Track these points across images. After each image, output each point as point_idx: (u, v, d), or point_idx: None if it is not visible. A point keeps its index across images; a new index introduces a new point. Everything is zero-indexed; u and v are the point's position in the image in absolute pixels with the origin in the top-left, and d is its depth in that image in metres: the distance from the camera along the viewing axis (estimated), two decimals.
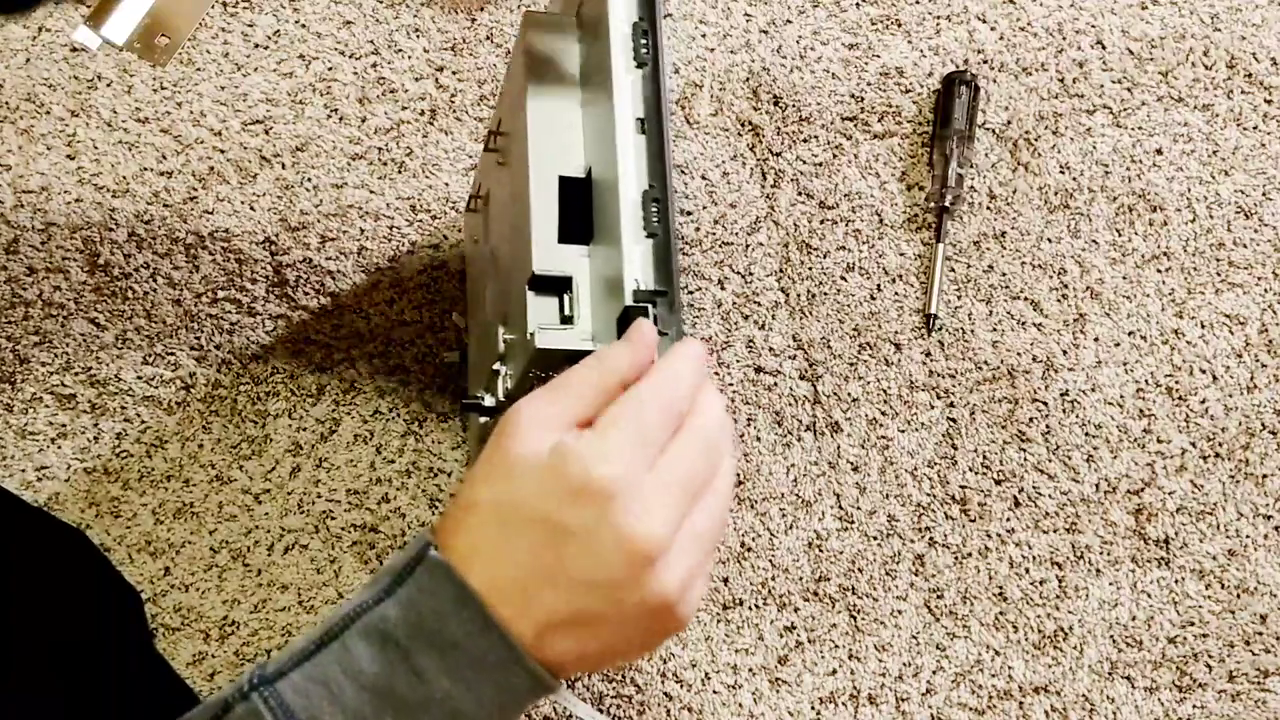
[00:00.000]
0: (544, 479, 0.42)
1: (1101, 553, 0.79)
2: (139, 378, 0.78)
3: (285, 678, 0.42)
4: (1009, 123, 0.85)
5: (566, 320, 0.55)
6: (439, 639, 0.42)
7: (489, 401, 0.60)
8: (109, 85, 0.83)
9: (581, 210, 0.53)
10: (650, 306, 0.51)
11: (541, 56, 0.59)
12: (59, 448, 0.78)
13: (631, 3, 0.56)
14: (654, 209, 0.52)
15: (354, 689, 0.42)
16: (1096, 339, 0.82)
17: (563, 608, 0.42)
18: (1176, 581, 0.79)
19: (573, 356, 0.53)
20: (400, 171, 0.82)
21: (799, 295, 0.82)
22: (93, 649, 0.68)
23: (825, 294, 0.82)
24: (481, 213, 0.74)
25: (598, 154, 0.56)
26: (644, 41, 0.55)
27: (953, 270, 0.82)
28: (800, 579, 0.78)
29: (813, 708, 0.76)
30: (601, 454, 0.41)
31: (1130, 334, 0.82)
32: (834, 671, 0.77)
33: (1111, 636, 0.78)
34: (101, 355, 0.79)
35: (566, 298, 0.55)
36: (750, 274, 0.82)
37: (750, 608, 0.77)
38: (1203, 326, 0.82)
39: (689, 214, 0.82)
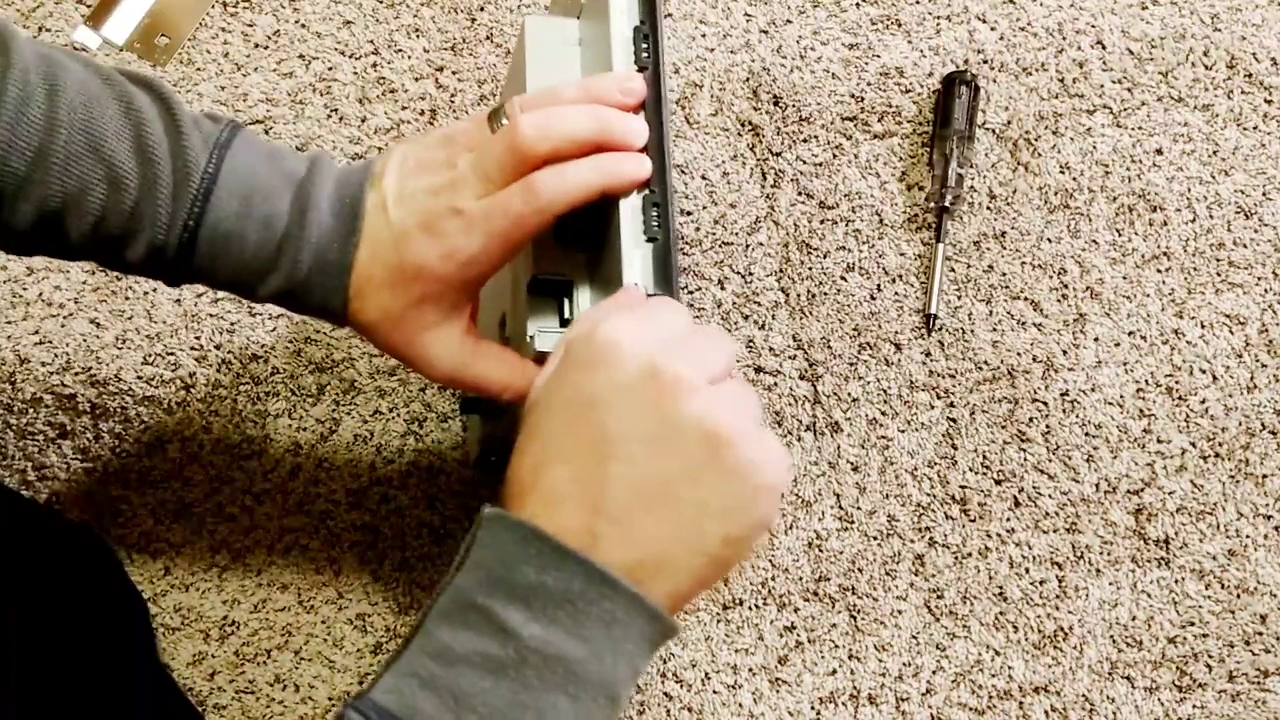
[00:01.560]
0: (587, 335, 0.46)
1: (1101, 553, 0.79)
2: (139, 378, 0.78)
3: (376, 686, 0.41)
4: (1009, 123, 0.85)
5: (565, 323, 0.55)
6: (517, 587, 0.41)
7: (487, 404, 0.60)
8: None
9: (581, 213, 0.53)
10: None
11: (542, 59, 0.59)
12: (59, 448, 0.78)
13: (633, 6, 0.56)
14: (654, 212, 0.52)
15: (445, 669, 0.41)
16: (1096, 339, 0.82)
17: (628, 488, 0.43)
18: (1176, 581, 0.79)
19: None
20: None
21: (799, 295, 0.82)
22: (95, 655, 0.68)
23: (825, 294, 0.82)
24: None
25: None
26: (644, 45, 0.55)
27: (953, 270, 0.82)
28: (800, 579, 0.78)
29: (812, 708, 0.76)
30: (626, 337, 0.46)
31: (1130, 334, 0.82)
32: (834, 671, 0.77)
33: (1111, 636, 0.78)
34: (101, 355, 0.79)
35: (566, 301, 0.55)
36: (750, 274, 0.82)
37: (750, 608, 0.77)
38: (1203, 326, 0.82)
39: (689, 214, 0.82)
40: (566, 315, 0.55)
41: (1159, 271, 0.83)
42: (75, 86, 0.50)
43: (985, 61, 0.86)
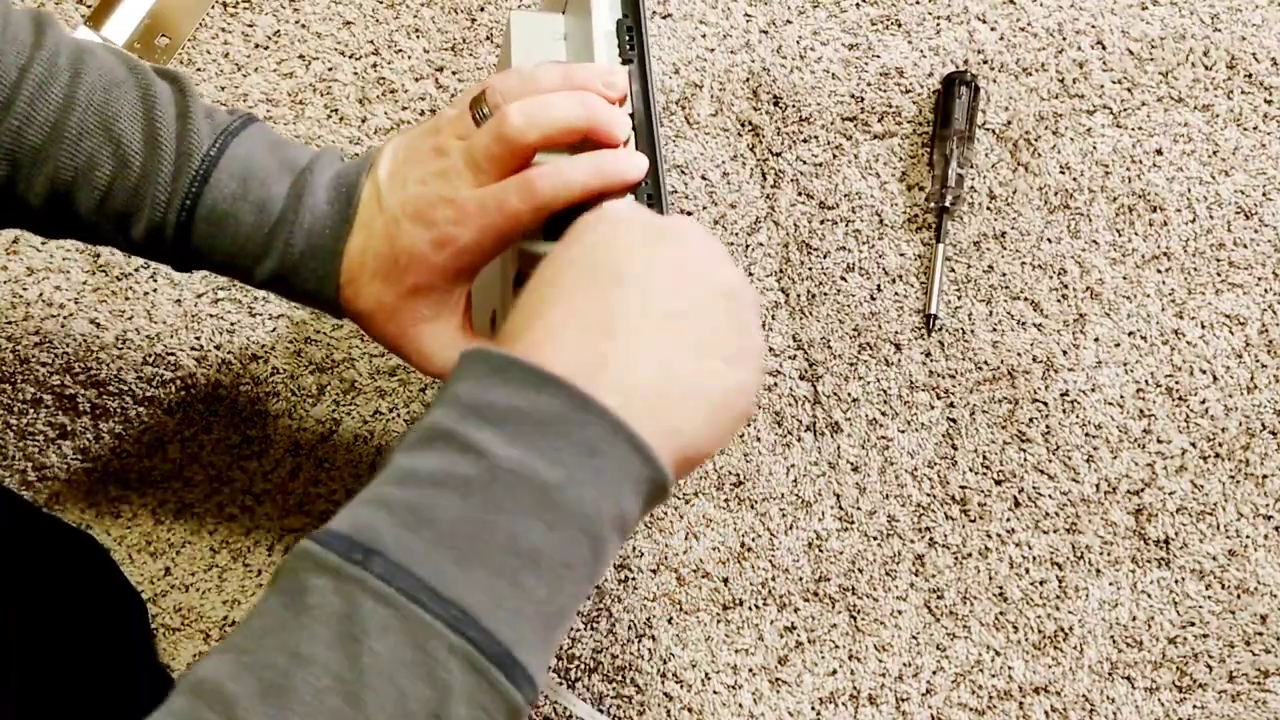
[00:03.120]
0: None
1: (1101, 553, 0.79)
2: (139, 378, 0.78)
3: (333, 519, 0.40)
4: (1009, 123, 0.85)
5: None
6: (491, 411, 0.39)
7: None
8: None
9: (567, 207, 0.53)
10: None
11: (528, 54, 0.59)
12: (59, 448, 0.78)
13: (615, 1, 0.55)
14: (648, 204, 0.52)
15: (406, 489, 0.38)
16: (1096, 339, 0.82)
17: (634, 310, 0.41)
18: (1176, 582, 0.79)
19: None
20: None
21: (799, 295, 0.82)
22: (95, 656, 0.68)
23: (825, 294, 0.82)
24: None
25: None
26: (629, 38, 0.54)
27: (953, 270, 0.82)
28: (800, 579, 0.78)
29: (813, 708, 0.76)
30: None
31: (1130, 334, 0.82)
32: (834, 672, 0.77)
33: (1111, 637, 0.78)
34: (102, 356, 0.79)
35: None
36: (750, 274, 0.82)
37: (750, 608, 0.77)
38: (1203, 327, 0.82)
39: (689, 214, 0.82)
40: None
41: (1159, 272, 0.83)
42: (99, 71, 0.52)
43: (985, 62, 0.86)
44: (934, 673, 0.77)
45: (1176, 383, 0.81)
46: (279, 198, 0.52)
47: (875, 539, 0.78)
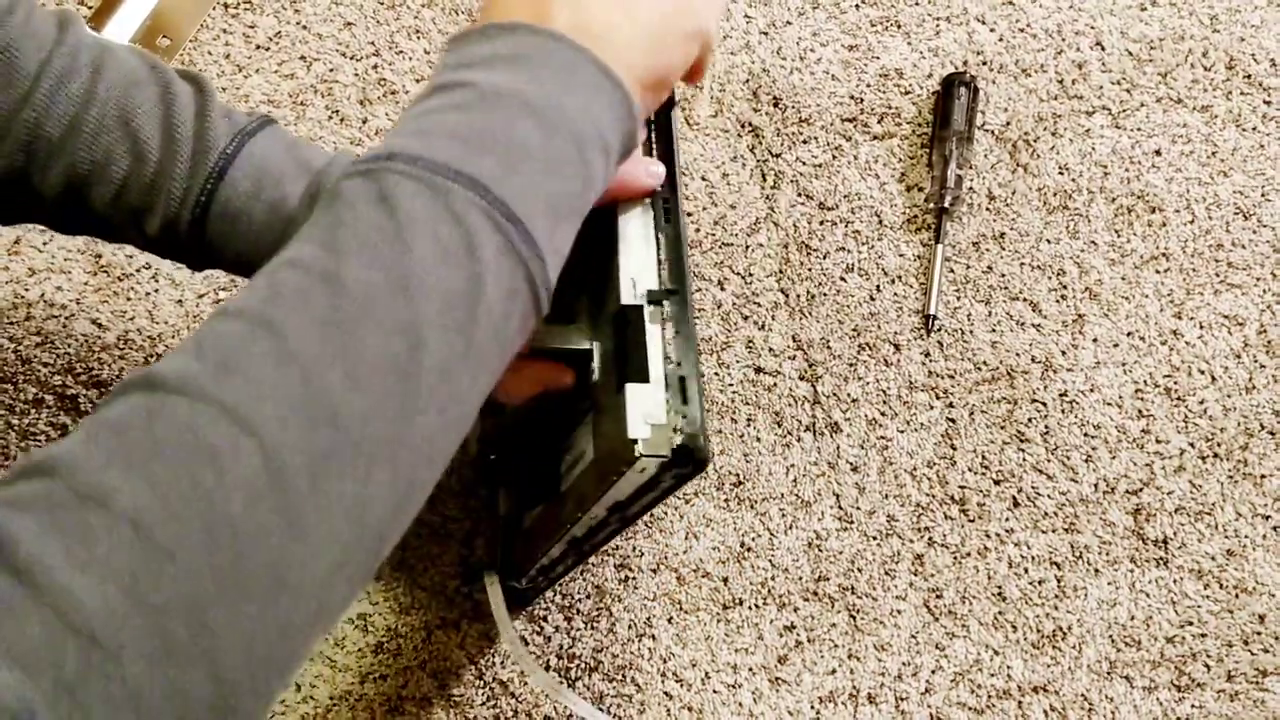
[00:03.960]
0: None
1: (1100, 553, 0.79)
2: None
3: (359, 160, 0.43)
4: (1008, 124, 0.85)
5: (568, 321, 0.55)
6: (476, 59, 0.43)
7: None
8: None
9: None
10: (643, 308, 0.51)
11: None
12: None
13: None
14: (664, 206, 0.53)
15: (411, 122, 0.42)
16: (1095, 339, 0.82)
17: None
18: (1175, 581, 0.79)
19: (576, 356, 0.54)
20: None
21: (799, 296, 0.82)
22: None
23: (825, 295, 0.82)
24: None
25: None
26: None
27: (952, 271, 0.83)
28: (800, 579, 0.78)
29: (812, 707, 0.76)
30: None
31: (1129, 334, 0.82)
32: (833, 671, 0.77)
33: (1110, 636, 0.78)
34: (103, 356, 0.79)
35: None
36: (750, 275, 0.82)
37: (750, 607, 0.77)
38: (1201, 327, 0.82)
39: (689, 214, 0.83)
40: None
41: (1158, 272, 0.83)
42: (119, 69, 0.53)
43: (984, 63, 0.86)
44: (933, 672, 0.77)
45: (1175, 383, 0.82)
46: (293, 197, 0.53)
47: (875, 539, 0.79)
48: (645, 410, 0.49)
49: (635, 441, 0.48)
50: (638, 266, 0.52)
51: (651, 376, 0.50)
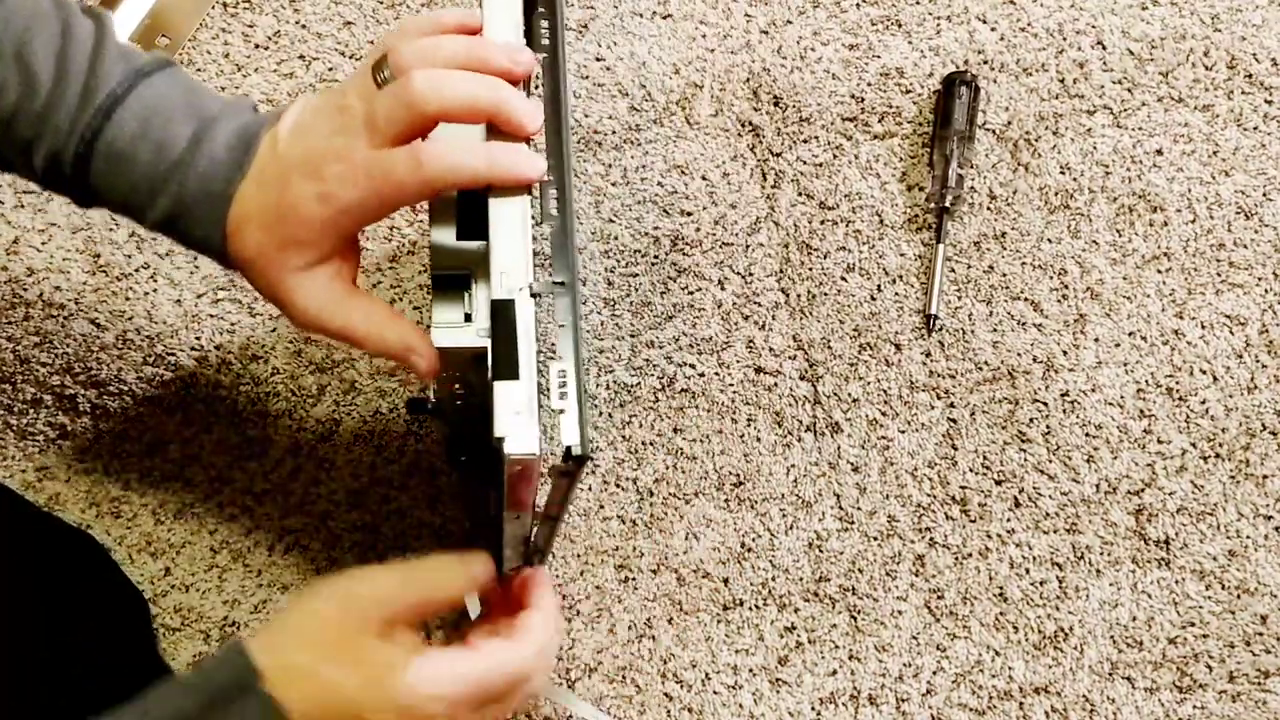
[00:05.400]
0: (385, 693, 0.49)
1: (1102, 553, 0.79)
2: (139, 378, 0.78)
3: None
4: (1009, 123, 0.85)
5: (468, 318, 0.54)
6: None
7: (430, 405, 0.60)
8: None
9: (481, 207, 0.52)
10: (514, 302, 0.50)
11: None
12: (59, 448, 0.78)
13: None
14: (553, 193, 0.52)
15: None
16: (1097, 339, 0.82)
17: None
18: (1177, 582, 0.79)
19: (476, 355, 0.52)
20: None
21: (799, 296, 0.82)
22: (97, 654, 0.68)
23: (825, 294, 0.82)
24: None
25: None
26: (544, 25, 0.54)
27: (953, 271, 0.82)
28: (800, 579, 0.78)
29: (813, 708, 0.76)
30: (439, 696, 0.50)
31: (1130, 334, 0.82)
32: (834, 672, 0.77)
33: (1112, 637, 0.78)
34: (102, 356, 0.79)
35: (466, 295, 0.54)
36: (750, 274, 0.82)
37: (750, 608, 0.77)
38: (1203, 327, 0.82)
39: (689, 214, 0.83)
40: (467, 309, 0.54)
41: (1159, 272, 0.83)
42: (24, 5, 0.53)
43: (985, 62, 0.86)
44: (934, 673, 0.77)
45: (1177, 383, 0.81)
46: (179, 140, 0.52)
47: (875, 539, 0.78)
48: (514, 407, 0.48)
49: (502, 439, 0.47)
50: (509, 260, 0.51)
51: (521, 373, 0.49)
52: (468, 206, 0.54)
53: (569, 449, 0.47)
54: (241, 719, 0.47)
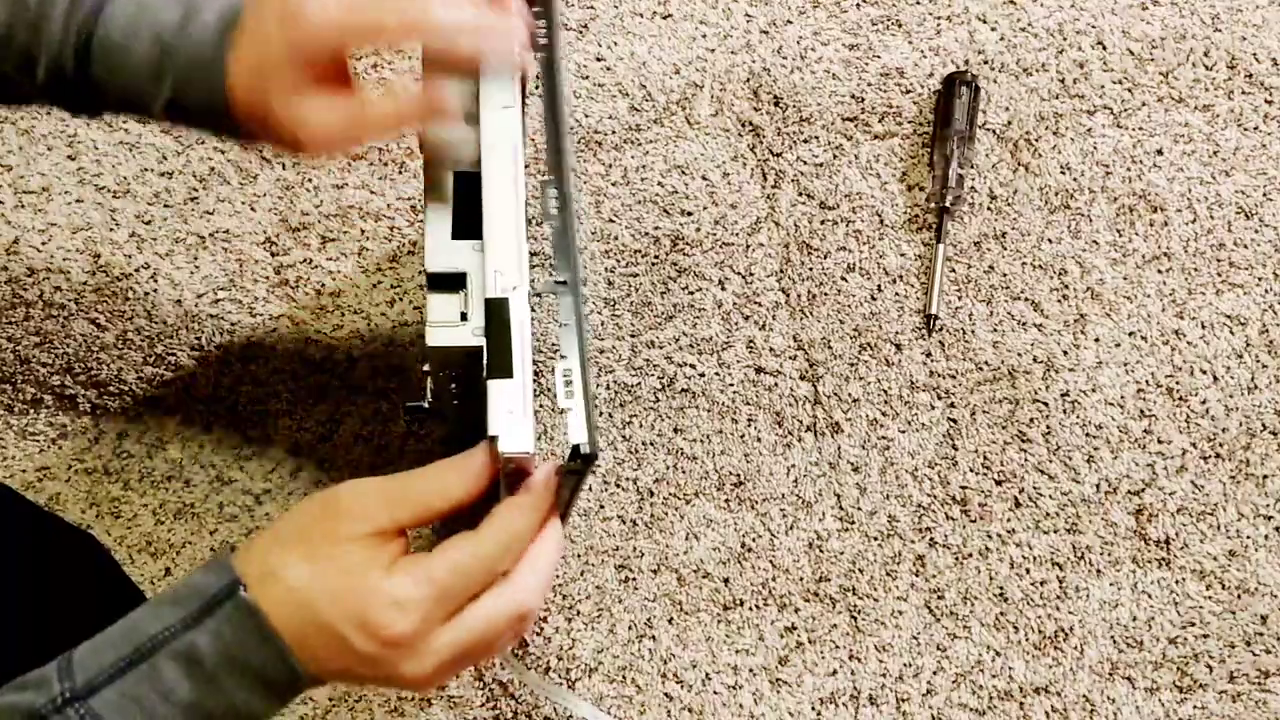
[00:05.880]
0: (348, 603, 0.47)
1: (1102, 553, 0.79)
2: (139, 378, 0.78)
3: (98, 694, 0.46)
4: (1009, 123, 0.85)
5: (464, 317, 0.54)
6: (242, 665, 0.47)
7: (427, 405, 0.60)
8: None
9: (476, 205, 0.52)
10: (508, 301, 0.50)
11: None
12: (60, 448, 0.78)
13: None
14: (553, 194, 0.52)
15: (165, 706, 0.47)
16: (1097, 339, 0.82)
17: (337, 669, 0.49)
18: (1177, 582, 0.79)
19: (471, 354, 0.52)
20: (400, 172, 0.82)
21: (799, 296, 0.82)
22: None
23: (826, 294, 0.82)
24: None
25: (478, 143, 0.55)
26: (540, 25, 0.54)
27: (953, 271, 0.82)
28: (801, 579, 0.78)
29: (813, 708, 0.76)
30: (401, 605, 0.47)
31: (1131, 334, 0.82)
32: (834, 672, 0.77)
33: (1112, 637, 0.78)
34: (102, 356, 0.79)
35: (463, 294, 0.54)
36: (750, 274, 0.82)
37: (751, 608, 0.77)
38: (1203, 327, 0.82)
39: (689, 214, 0.82)
40: (463, 308, 0.54)
41: (1159, 272, 0.83)
42: None
43: (986, 62, 0.86)
44: (934, 673, 0.77)
45: (1177, 383, 0.81)
46: (170, 24, 0.53)
47: (876, 539, 0.78)
48: (507, 406, 0.48)
49: (495, 438, 0.47)
50: (503, 259, 0.51)
51: (515, 372, 0.49)
52: (464, 206, 0.54)
53: (576, 447, 0.47)
54: (227, 626, 0.47)
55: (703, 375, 0.80)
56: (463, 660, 0.50)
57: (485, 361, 0.49)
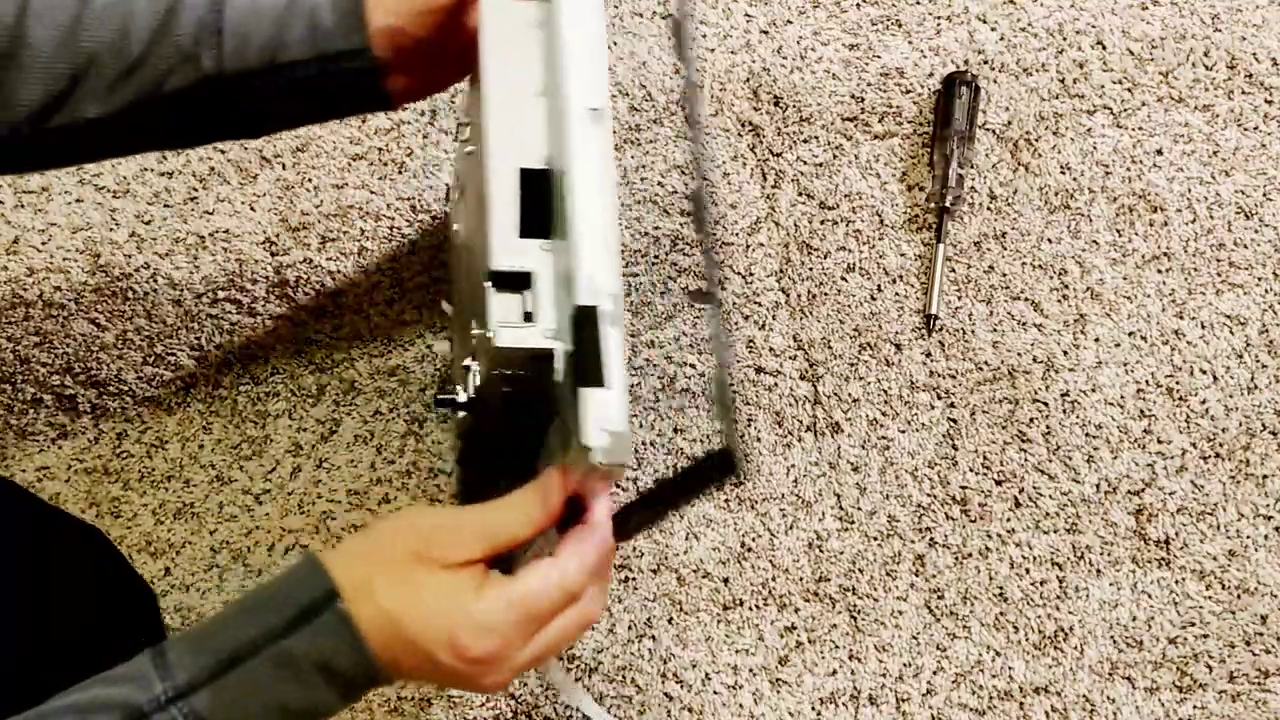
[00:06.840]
0: (438, 624, 0.50)
1: (1102, 553, 0.79)
2: (139, 378, 0.78)
3: (197, 693, 0.48)
4: (1009, 123, 0.85)
5: (528, 317, 0.52)
6: (331, 669, 0.50)
7: (461, 397, 0.58)
8: None
9: (543, 203, 0.51)
10: (597, 308, 0.49)
11: (500, 41, 0.56)
12: (59, 448, 0.78)
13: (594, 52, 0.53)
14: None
15: (258, 704, 0.50)
16: (1097, 339, 0.82)
17: (416, 676, 0.53)
18: (1177, 582, 0.79)
19: (537, 355, 0.51)
20: (400, 172, 0.82)
21: (799, 296, 0.82)
22: (107, 646, 0.68)
23: (826, 294, 0.82)
24: (456, 205, 0.72)
25: (556, 144, 0.53)
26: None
27: (953, 271, 0.82)
28: (801, 579, 0.78)
29: (813, 708, 0.76)
30: (489, 629, 0.50)
31: (1131, 334, 0.82)
32: (834, 672, 0.77)
33: (1112, 637, 0.78)
34: (102, 356, 0.79)
35: (527, 294, 0.52)
36: (751, 274, 0.82)
37: (750, 608, 0.77)
38: (1203, 327, 0.82)
39: (689, 214, 0.82)
40: (528, 308, 0.52)
41: (1159, 272, 0.83)
42: None
43: (986, 62, 0.86)
44: (934, 673, 0.77)
45: (1177, 383, 0.81)
46: None
47: (875, 539, 0.78)
48: (603, 417, 0.47)
49: (588, 449, 0.46)
50: (595, 263, 0.50)
51: (610, 381, 0.48)
52: (532, 203, 0.53)
53: (726, 454, 0.47)
54: (325, 635, 0.49)
55: (703, 375, 0.80)
56: (533, 666, 0.53)
57: (576, 369, 0.48)
